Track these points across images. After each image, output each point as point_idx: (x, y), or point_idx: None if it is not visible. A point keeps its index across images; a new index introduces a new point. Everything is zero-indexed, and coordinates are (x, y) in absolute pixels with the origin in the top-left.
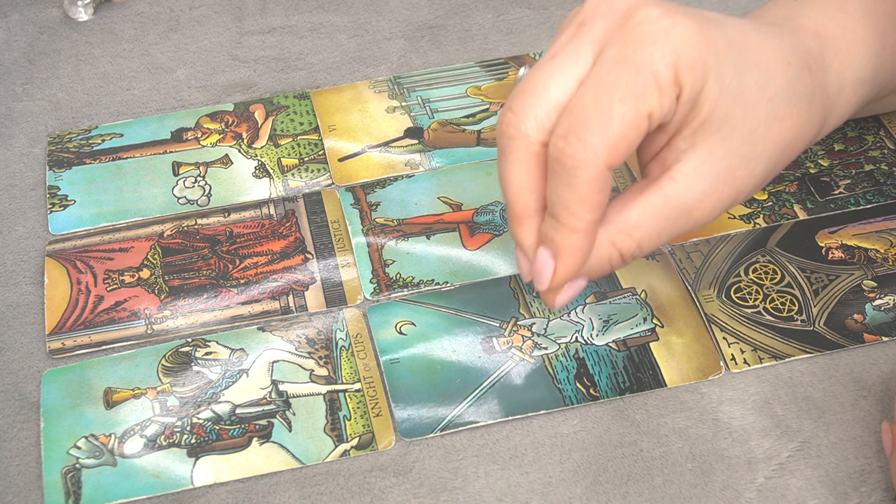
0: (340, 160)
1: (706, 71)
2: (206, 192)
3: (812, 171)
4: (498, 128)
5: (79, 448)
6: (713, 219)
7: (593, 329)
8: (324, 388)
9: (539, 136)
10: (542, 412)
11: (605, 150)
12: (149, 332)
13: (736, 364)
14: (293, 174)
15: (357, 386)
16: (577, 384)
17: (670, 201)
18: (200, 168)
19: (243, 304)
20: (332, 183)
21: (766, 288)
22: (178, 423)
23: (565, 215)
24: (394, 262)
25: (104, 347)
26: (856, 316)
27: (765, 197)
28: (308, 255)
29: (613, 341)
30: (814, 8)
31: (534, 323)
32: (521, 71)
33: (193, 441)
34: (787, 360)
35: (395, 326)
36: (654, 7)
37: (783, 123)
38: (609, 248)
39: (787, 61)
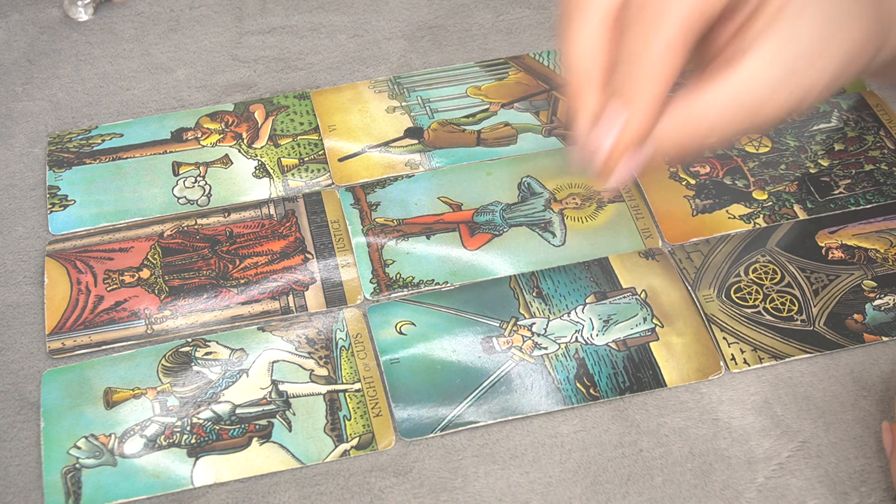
0: (340, 160)
1: None
2: (206, 192)
3: (812, 171)
4: None
5: (79, 448)
6: (783, 116)
7: (593, 329)
8: (324, 388)
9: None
10: (542, 412)
11: (687, 5)
12: (149, 332)
13: (736, 364)
14: (293, 174)
15: (357, 386)
16: (577, 384)
17: (739, 91)
18: (200, 168)
19: (243, 304)
20: (332, 183)
21: (766, 288)
22: (178, 423)
23: (637, 75)
24: (394, 262)
25: (104, 347)
26: (856, 316)
27: (765, 197)
28: (308, 255)
29: (613, 341)
30: None
31: (534, 323)
32: None
33: (193, 441)
34: (787, 360)
35: (395, 326)
36: None
37: (858, 23)
38: (683, 125)
39: None
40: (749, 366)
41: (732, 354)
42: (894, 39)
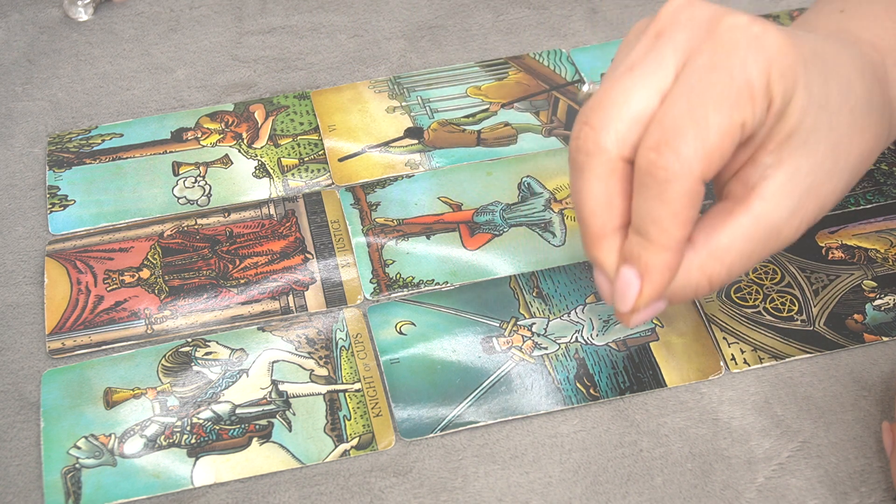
0: (340, 160)
1: (796, 79)
2: (206, 192)
3: None
4: (573, 143)
5: (79, 448)
6: (797, 238)
7: (593, 329)
8: (324, 388)
9: (620, 150)
10: (542, 412)
11: (700, 162)
12: (149, 332)
13: (736, 364)
14: (293, 174)
15: (357, 386)
16: (577, 384)
17: (761, 222)
18: (200, 168)
19: (243, 304)
20: (332, 183)
21: (766, 288)
22: (178, 423)
23: (656, 231)
24: (394, 262)
25: (104, 347)
26: (856, 316)
27: None
28: (308, 255)
29: (613, 341)
30: (866, 19)
31: (534, 323)
32: (587, 87)
33: (193, 441)
34: (787, 360)
35: (395, 326)
36: (742, 15)
37: (863, 135)
38: (698, 274)
39: (862, 71)
40: (749, 366)
41: (732, 354)
42: (892, 132)
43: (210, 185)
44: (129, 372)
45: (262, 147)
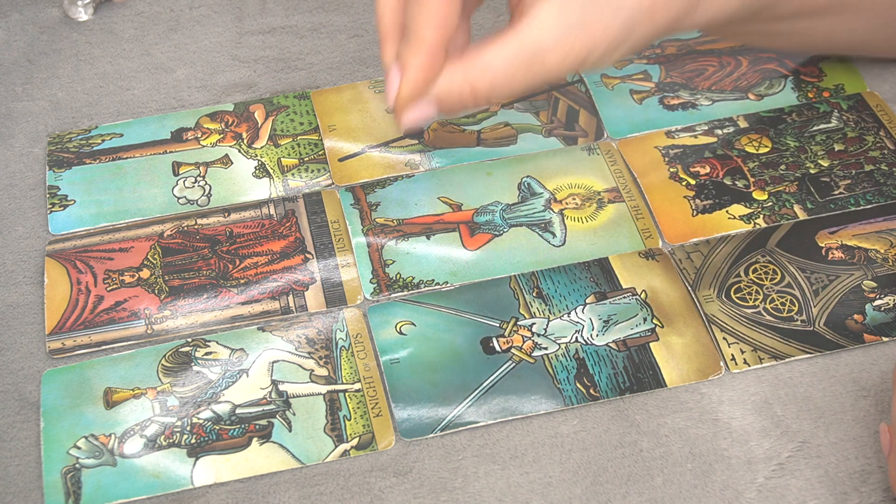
0: (340, 160)
1: None
2: (206, 192)
3: (812, 171)
4: None
5: (79, 448)
6: (565, 70)
7: (593, 329)
8: (324, 388)
9: None
10: (542, 412)
11: None
12: (149, 332)
13: (736, 364)
14: (293, 174)
15: (357, 386)
16: (577, 384)
17: (524, 44)
18: (200, 168)
19: (243, 304)
20: (332, 183)
21: (766, 288)
22: (178, 423)
23: (413, 30)
24: (394, 262)
25: (104, 347)
26: (856, 316)
27: (765, 197)
28: (308, 255)
29: (613, 341)
30: None
31: (534, 323)
32: None
33: (193, 441)
34: (787, 360)
35: (395, 326)
36: None
37: None
38: (462, 83)
39: None
40: (749, 366)
41: (732, 355)
42: (708, 5)
43: (210, 185)
44: (129, 372)
45: (262, 147)
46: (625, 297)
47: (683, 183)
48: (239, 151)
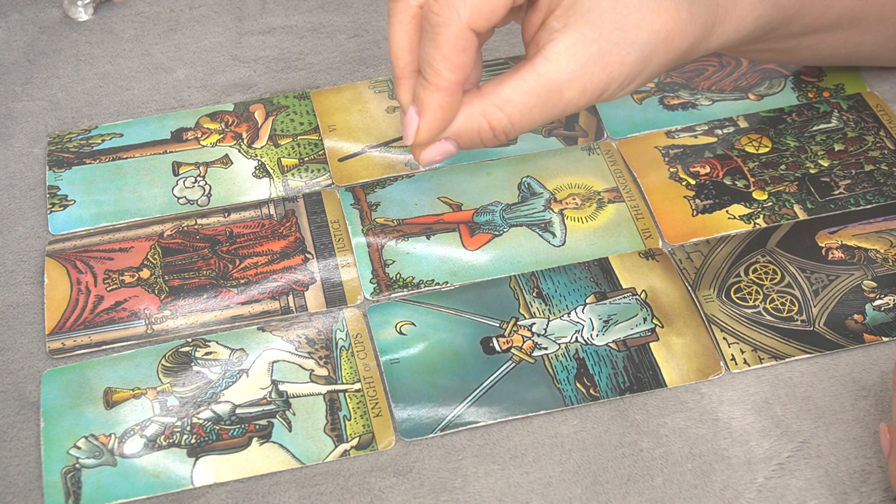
0: (340, 160)
1: None
2: (206, 192)
3: (812, 171)
4: None
5: (79, 448)
6: (584, 104)
7: (593, 329)
8: (324, 388)
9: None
10: (542, 412)
11: (468, 11)
12: (149, 332)
13: (736, 364)
14: (293, 174)
15: (357, 386)
16: (577, 384)
17: (542, 79)
18: (200, 168)
19: (243, 304)
20: (332, 183)
21: (766, 288)
22: (178, 423)
23: (430, 72)
24: (394, 262)
25: (104, 347)
26: (856, 316)
27: (765, 197)
28: (308, 255)
29: (613, 341)
30: None
31: (534, 323)
32: None
33: (193, 441)
34: (787, 360)
35: (395, 326)
36: None
37: (658, 16)
38: (480, 120)
39: None
40: (749, 366)
41: (732, 354)
42: (722, 30)
43: (210, 185)
44: (129, 372)
45: (262, 147)
46: (625, 297)
47: (683, 183)
48: (239, 151)
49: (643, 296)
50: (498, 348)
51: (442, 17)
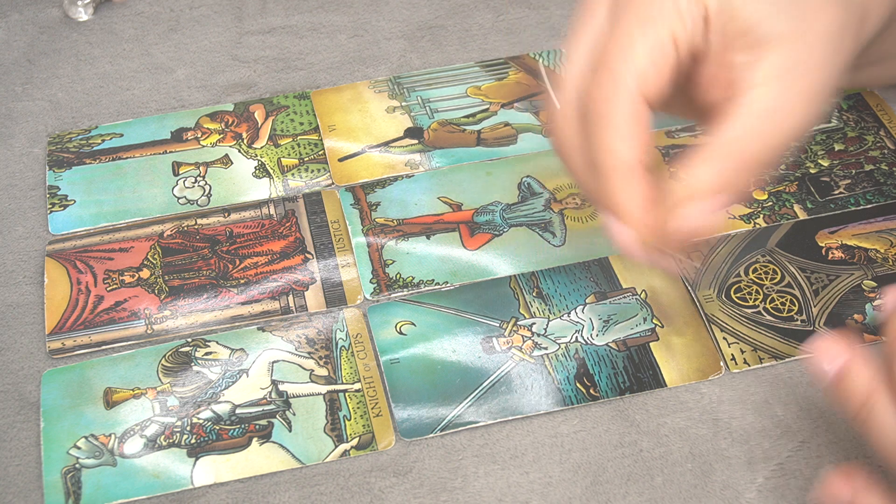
0: (340, 160)
1: None
2: (206, 192)
3: (812, 171)
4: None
5: (79, 448)
6: (810, 122)
7: (593, 329)
8: (324, 388)
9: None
10: (542, 412)
11: (635, 78)
12: (149, 332)
13: (736, 364)
14: (293, 174)
15: (357, 386)
16: (577, 384)
17: (759, 111)
18: (200, 168)
19: (243, 304)
20: (332, 183)
21: (766, 288)
22: (178, 423)
23: (623, 216)
24: (394, 262)
25: (104, 347)
26: (856, 316)
27: (765, 197)
28: (308, 255)
29: (613, 341)
30: None
31: (534, 323)
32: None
33: (193, 441)
34: (787, 360)
35: (395, 326)
36: None
37: (826, 9)
38: (726, 173)
39: None
40: (749, 366)
41: (732, 354)
42: (872, 20)
43: (210, 185)
44: (129, 372)
45: (262, 147)
46: (625, 297)
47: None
48: (239, 151)
49: (643, 296)
50: (498, 348)
51: (610, 90)
